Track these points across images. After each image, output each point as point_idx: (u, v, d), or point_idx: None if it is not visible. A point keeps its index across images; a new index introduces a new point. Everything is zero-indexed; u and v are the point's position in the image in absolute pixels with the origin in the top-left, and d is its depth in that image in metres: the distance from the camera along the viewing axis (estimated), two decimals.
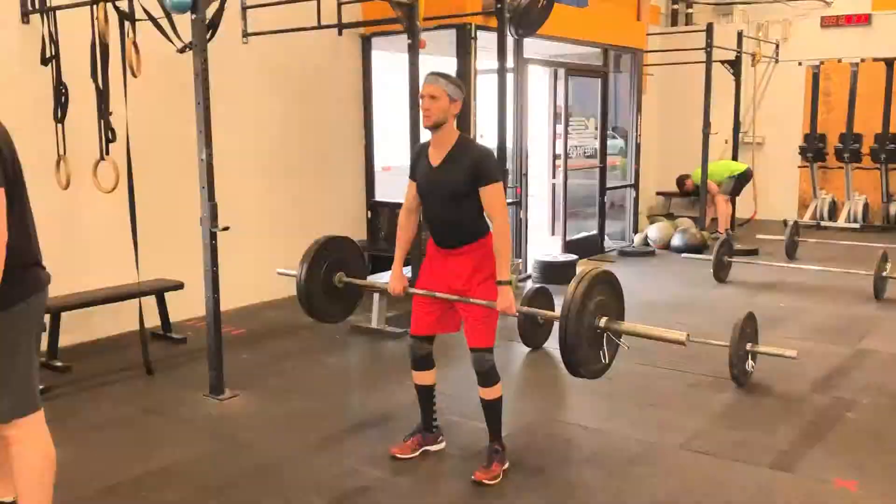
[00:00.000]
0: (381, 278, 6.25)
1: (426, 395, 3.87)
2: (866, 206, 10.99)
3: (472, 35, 6.96)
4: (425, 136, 3.78)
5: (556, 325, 5.77)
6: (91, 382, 4.98)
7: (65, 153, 5.24)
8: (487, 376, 3.55)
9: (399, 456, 3.81)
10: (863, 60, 10.78)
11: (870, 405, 4.48)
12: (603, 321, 3.44)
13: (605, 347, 3.49)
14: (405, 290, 3.77)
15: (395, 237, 3.84)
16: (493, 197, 3.46)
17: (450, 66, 7.22)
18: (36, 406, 2.80)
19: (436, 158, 3.56)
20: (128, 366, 5.25)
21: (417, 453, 3.85)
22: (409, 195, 3.72)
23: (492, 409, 3.61)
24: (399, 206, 3.83)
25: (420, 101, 3.54)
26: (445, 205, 3.54)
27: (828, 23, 11.33)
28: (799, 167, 11.73)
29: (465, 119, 6.91)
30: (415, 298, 3.76)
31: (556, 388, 4.92)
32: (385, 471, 3.72)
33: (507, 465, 3.62)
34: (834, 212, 11.14)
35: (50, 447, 2.85)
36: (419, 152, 3.69)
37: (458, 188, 3.47)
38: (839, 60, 11.10)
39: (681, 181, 11.35)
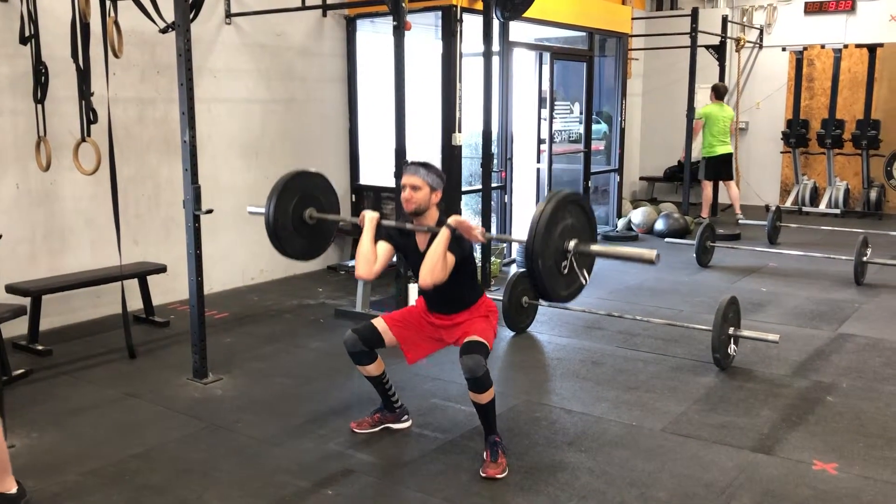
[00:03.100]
0: None
1: (376, 381, 3.89)
2: (847, 191, 11.08)
3: (458, 17, 6.92)
4: (410, 117, 3.76)
5: (540, 309, 5.83)
6: (72, 366, 4.95)
7: (45, 134, 5.18)
8: (480, 383, 3.45)
9: (357, 431, 3.92)
10: (846, 46, 10.83)
11: (850, 388, 4.54)
12: (572, 244, 3.35)
13: (576, 271, 3.40)
14: (379, 221, 3.72)
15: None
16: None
17: (435, 48, 7.18)
18: None
19: (422, 242, 3.68)
20: (110, 349, 5.22)
21: (377, 429, 3.93)
22: (382, 259, 3.68)
23: (486, 410, 3.58)
24: (384, 189, 3.82)
25: (402, 189, 3.61)
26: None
27: (811, 9, 11.36)
28: (781, 153, 11.79)
29: (449, 105, 6.89)
30: (402, 313, 3.86)
31: (540, 372, 4.94)
32: (368, 454, 3.73)
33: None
34: (815, 197, 11.21)
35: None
36: (401, 234, 3.73)
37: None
38: (822, 46, 11.14)
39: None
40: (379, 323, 3.80)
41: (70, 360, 5.06)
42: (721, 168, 10.14)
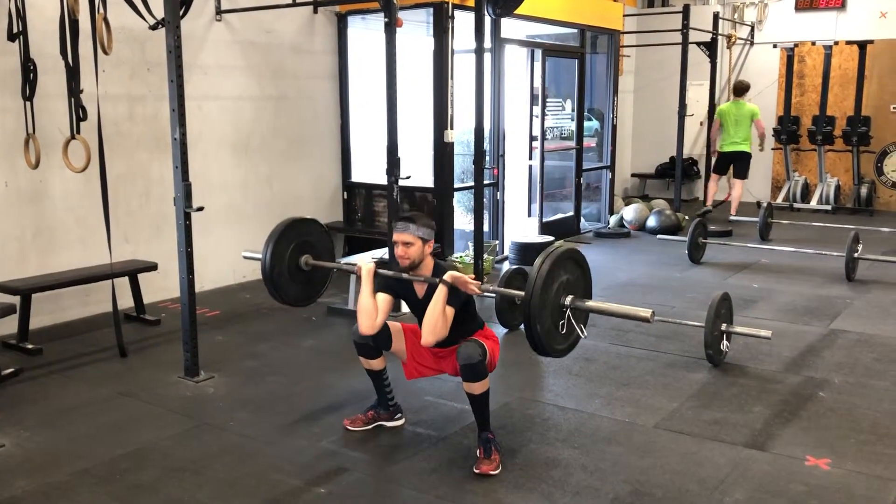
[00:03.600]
0: (358, 259, 6.22)
1: (376, 377, 3.90)
2: (838, 188, 11.12)
3: (450, 14, 6.90)
4: (402, 114, 3.75)
5: None
6: (63, 365, 4.92)
7: (34, 131, 5.14)
8: (474, 371, 3.47)
9: (350, 428, 3.91)
10: (836, 43, 10.86)
11: (841, 384, 4.55)
12: (568, 299, 3.42)
13: (573, 326, 3.46)
14: (376, 271, 3.75)
15: (372, 218, 3.83)
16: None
17: (426, 45, 7.17)
18: None
19: (420, 289, 3.71)
20: (100, 348, 5.20)
21: (370, 427, 3.92)
22: (384, 311, 3.67)
23: (479, 403, 3.58)
24: (376, 187, 3.82)
25: (394, 246, 3.65)
26: None
27: (802, 6, 11.39)
28: (773, 149, 11.82)
29: (441, 102, 6.87)
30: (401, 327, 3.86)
31: (533, 369, 4.94)
32: (362, 452, 3.72)
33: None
34: (807, 194, 11.25)
35: None
36: (399, 282, 3.72)
37: None
38: (813, 43, 11.18)
39: None
40: (394, 324, 3.81)
41: (60, 358, 5.02)
42: (729, 165, 10.08)
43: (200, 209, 4.57)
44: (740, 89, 9.96)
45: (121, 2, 4.81)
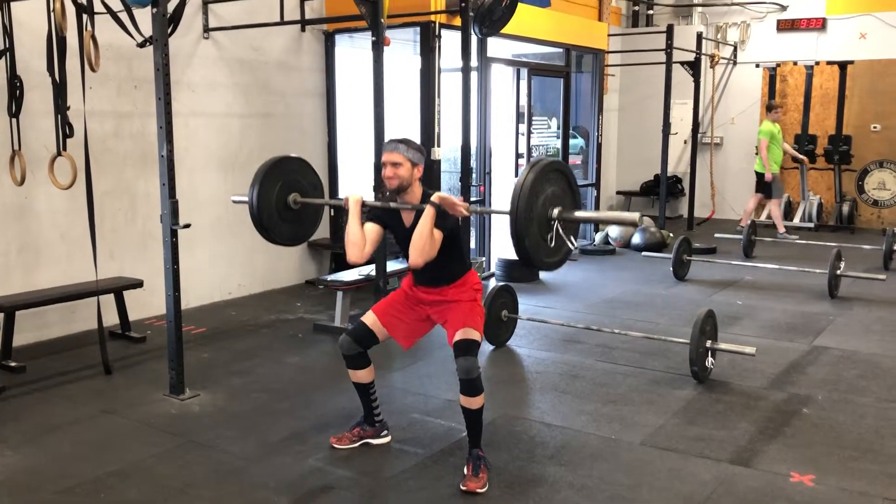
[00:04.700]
0: (345, 276, 6.23)
1: (363, 391, 3.89)
2: (820, 205, 11.23)
3: (437, 33, 6.96)
4: (389, 132, 3.78)
5: (520, 323, 5.84)
6: (47, 383, 4.88)
7: (20, 148, 5.13)
8: (473, 386, 3.48)
9: (336, 446, 3.89)
10: (817, 63, 11.02)
11: (825, 401, 4.59)
12: (556, 211, 3.36)
13: (562, 238, 3.40)
14: (364, 201, 3.73)
15: None
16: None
17: (414, 63, 7.21)
18: None
19: (408, 218, 3.68)
20: (85, 365, 5.16)
21: (356, 445, 3.91)
22: (371, 241, 3.66)
23: (474, 418, 3.58)
24: (363, 204, 3.81)
25: (382, 167, 3.62)
26: None
27: (784, 26, 11.56)
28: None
29: (428, 120, 6.91)
30: (389, 297, 3.81)
31: (520, 386, 4.95)
32: (348, 470, 3.71)
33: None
34: (789, 211, 11.36)
35: None
36: (386, 211, 3.72)
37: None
38: (795, 63, 11.33)
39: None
40: (368, 318, 3.77)
41: (45, 376, 4.99)
42: (758, 184, 10.26)
43: (187, 226, 4.56)
44: (769, 109, 10.16)
45: (108, 19, 4.82)
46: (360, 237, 3.62)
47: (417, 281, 3.76)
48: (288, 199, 4.21)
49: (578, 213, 3.43)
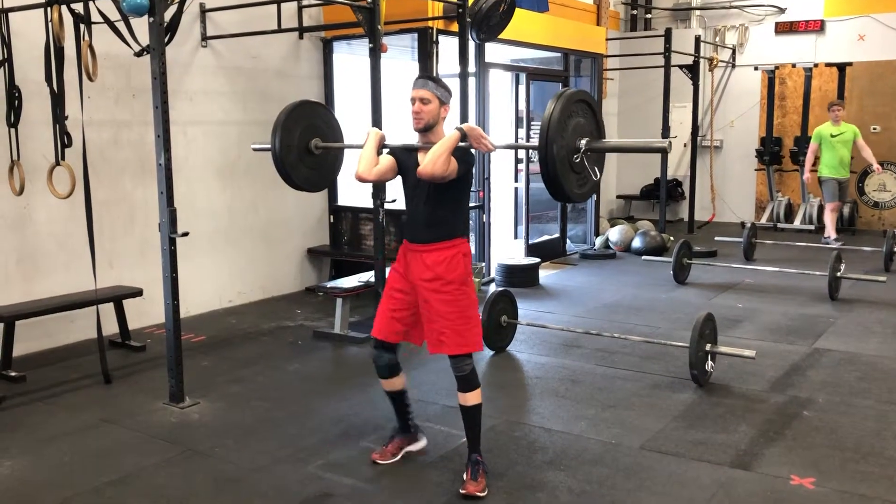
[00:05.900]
0: (345, 283, 6.23)
1: (398, 399, 3.84)
2: (821, 208, 11.22)
3: (434, 39, 6.97)
4: (386, 138, 3.77)
5: (519, 328, 5.83)
6: (47, 392, 4.88)
7: (18, 158, 5.14)
8: (468, 381, 3.51)
9: (380, 461, 3.81)
10: (816, 65, 11.02)
11: (826, 403, 4.58)
12: (583, 142, 3.33)
13: (586, 169, 3.38)
14: (384, 137, 3.70)
15: (358, 241, 3.81)
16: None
17: (411, 70, 7.22)
18: None
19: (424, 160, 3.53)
20: (85, 374, 5.16)
21: (398, 457, 3.84)
22: (383, 167, 3.60)
23: (471, 417, 3.57)
24: (362, 210, 3.82)
25: (410, 103, 3.54)
26: (430, 198, 3.52)
27: (782, 29, 11.57)
28: (756, 170, 11.94)
29: None
30: (384, 296, 3.74)
31: (520, 391, 4.94)
32: (348, 477, 3.70)
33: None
34: (790, 214, 11.35)
35: None
36: (404, 151, 3.66)
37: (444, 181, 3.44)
38: (793, 65, 11.33)
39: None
40: (377, 331, 3.70)
41: (44, 386, 4.99)
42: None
43: (186, 234, 4.57)
44: (829, 108, 9.81)
45: (106, 29, 4.83)
46: (374, 158, 3.61)
47: (411, 237, 3.61)
48: (310, 144, 4.33)
49: (607, 143, 3.42)
